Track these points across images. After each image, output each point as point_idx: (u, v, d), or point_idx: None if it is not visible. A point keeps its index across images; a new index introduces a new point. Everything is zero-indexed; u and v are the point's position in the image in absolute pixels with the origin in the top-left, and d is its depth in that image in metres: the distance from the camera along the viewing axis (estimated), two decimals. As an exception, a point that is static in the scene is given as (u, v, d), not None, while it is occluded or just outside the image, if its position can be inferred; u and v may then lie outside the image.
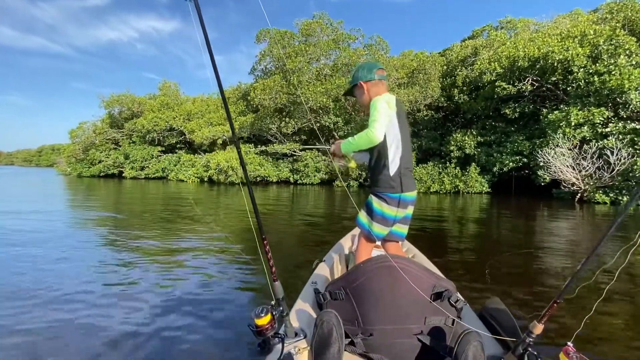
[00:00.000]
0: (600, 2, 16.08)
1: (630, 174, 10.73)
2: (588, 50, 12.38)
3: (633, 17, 12.86)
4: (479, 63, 15.88)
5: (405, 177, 1.76)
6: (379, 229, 1.80)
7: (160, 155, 27.85)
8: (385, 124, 1.65)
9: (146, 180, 25.88)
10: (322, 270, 2.12)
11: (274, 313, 1.26)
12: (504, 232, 6.65)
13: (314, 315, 1.53)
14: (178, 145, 28.42)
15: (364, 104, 1.88)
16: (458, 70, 18.28)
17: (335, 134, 20.72)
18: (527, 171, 15.08)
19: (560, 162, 11.91)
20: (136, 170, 27.45)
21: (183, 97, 31.37)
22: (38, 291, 3.03)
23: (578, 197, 11.99)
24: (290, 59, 18.76)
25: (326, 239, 5.59)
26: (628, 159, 10.71)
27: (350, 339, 1.35)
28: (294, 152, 21.40)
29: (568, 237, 6.11)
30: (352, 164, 1.97)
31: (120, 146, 30.24)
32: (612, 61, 11.72)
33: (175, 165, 26.13)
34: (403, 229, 1.92)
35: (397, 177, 1.74)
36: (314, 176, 20.57)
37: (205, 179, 22.86)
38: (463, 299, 1.42)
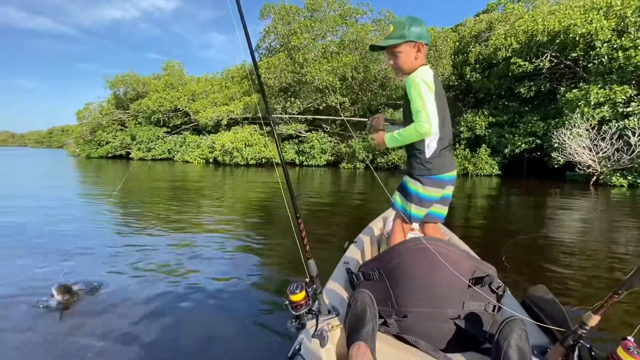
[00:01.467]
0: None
1: (652, 156, 10.19)
2: (614, 23, 11.53)
3: (665, -14, 11.85)
4: (494, 38, 15.04)
5: (443, 158, 1.63)
6: (415, 210, 1.70)
7: (165, 137, 27.75)
8: (434, 112, 1.49)
9: (153, 161, 25.95)
10: (353, 252, 2.09)
11: (308, 290, 1.27)
12: (516, 216, 6.36)
13: (346, 295, 1.53)
14: (183, 126, 28.24)
15: (406, 68, 1.60)
16: (471, 46, 17.41)
17: (342, 114, 20.23)
18: (539, 153, 14.52)
19: (576, 143, 11.36)
20: (143, 152, 27.49)
21: (187, 77, 30.92)
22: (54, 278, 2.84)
23: (593, 180, 11.51)
24: (295, 36, 18.08)
25: (348, 219, 5.65)
26: (650, 140, 10.14)
27: (383, 320, 1.34)
28: (300, 133, 21.03)
29: (587, 220, 5.80)
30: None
31: (126, 127, 30.22)
32: (639, 35, 10.91)
33: (180, 147, 26.05)
34: (442, 210, 1.81)
35: (433, 159, 1.62)
36: (320, 158, 20.27)
37: (211, 160, 22.77)
38: (504, 285, 1.34)
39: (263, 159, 21.09)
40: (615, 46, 11.38)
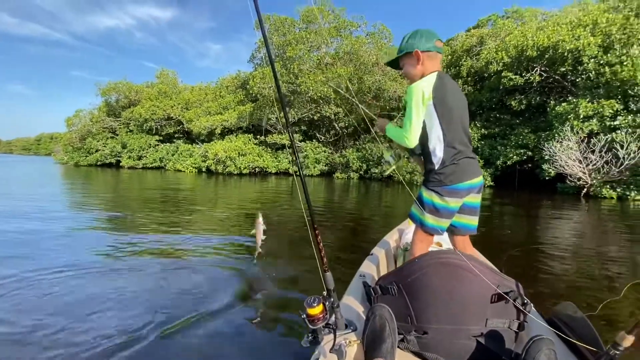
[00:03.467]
0: (611, -10, 15.49)
1: (640, 169, 10.43)
2: (600, 40, 11.93)
3: (648, 5, 12.36)
4: (485, 52, 15.40)
5: (456, 167, 1.57)
6: (432, 221, 1.64)
7: (157, 145, 27.49)
8: (418, 128, 1.59)
9: (144, 169, 25.56)
10: (369, 265, 2.04)
11: (325, 303, 1.25)
12: (511, 228, 6.38)
13: (363, 310, 1.51)
14: (176, 135, 28.03)
15: (414, 77, 1.66)
16: (463, 60, 17.79)
17: (336, 125, 20.33)
18: (529, 165, 14.75)
19: (567, 155, 11.58)
20: (134, 160, 27.11)
21: (181, 85, 30.85)
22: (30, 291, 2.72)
23: (584, 192, 11.70)
24: (291, 47, 18.24)
25: (352, 229, 5.62)
26: (638, 153, 10.38)
27: (402, 336, 1.30)
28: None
29: (580, 233, 5.83)
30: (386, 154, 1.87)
31: (117, 135, 29.85)
32: (624, 51, 11.29)
33: (173, 155, 25.78)
34: (469, 220, 1.72)
35: (444, 170, 1.59)
36: (314, 167, 20.25)
37: (204, 170, 22.54)
38: (530, 302, 1.29)
39: (256, 168, 20.98)
40: (601, 62, 11.74)
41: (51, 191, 10.68)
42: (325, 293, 1.33)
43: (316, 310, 1.20)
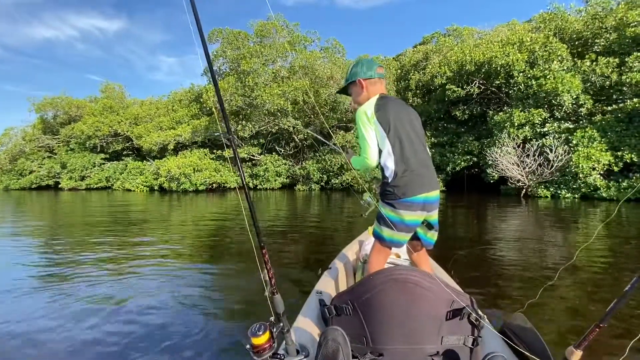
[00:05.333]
0: (532, 13, 17.53)
1: (567, 170, 11.68)
2: (526, 56, 13.37)
3: (563, 26, 14.15)
4: (430, 67, 16.52)
5: (409, 180, 1.61)
6: (388, 234, 1.69)
7: (103, 164, 25.54)
8: (374, 146, 1.66)
9: (87, 191, 23.53)
10: (327, 280, 1.97)
11: (273, 330, 1.16)
12: (460, 229, 6.76)
13: (318, 331, 1.44)
14: (124, 152, 26.28)
15: (361, 102, 1.77)
16: (411, 74, 18.91)
17: (295, 137, 20.41)
18: (476, 170, 15.90)
19: (506, 160, 12.66)
20: (75, 181, 24.88)
21: (129, 100, 29.20)
22: None
23: (523, 192, 12.83)
24: (245, 60, 18.14)
25: (314, 241, 5.46)
26: (564, 156, 11.65)
27: (357, 359, 1.25)
28: (253, 156, 20.70)
29: (520, 230, 6.35)
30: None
31: (55, 154, 27.28)
32: (547, 66, 12.76)
33: (121, 174, 24.07)
34: (427, 234, 1.78)
35: (397, 182, 1.62)
36: (275, 180, 20.03)
37: (156, 188, 21.28)
38: (484, 316, 1.30)
39: (214, 184, 20.25)
40: (529, 75, 13.14)
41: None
42: (272, 318, 1.24)
43: (262, 339, 1.11)
